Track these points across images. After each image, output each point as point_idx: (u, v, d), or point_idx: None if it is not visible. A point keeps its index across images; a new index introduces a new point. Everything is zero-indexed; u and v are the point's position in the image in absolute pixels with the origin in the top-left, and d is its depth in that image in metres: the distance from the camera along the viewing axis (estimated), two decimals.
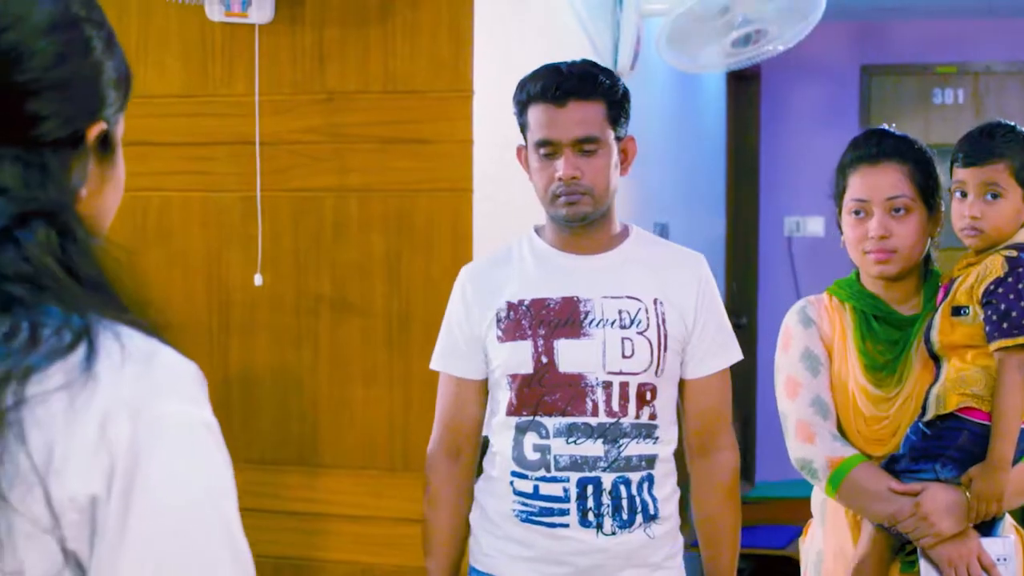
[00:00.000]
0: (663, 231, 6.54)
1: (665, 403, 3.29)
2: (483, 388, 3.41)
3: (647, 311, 3.27)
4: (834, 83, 9.33)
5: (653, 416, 3.26)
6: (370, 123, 4.30)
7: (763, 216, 9.37)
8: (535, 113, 3.27)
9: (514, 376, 3.28)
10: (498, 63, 4.38)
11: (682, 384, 3.36)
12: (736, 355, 3.40)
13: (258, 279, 4.36)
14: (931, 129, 8.90)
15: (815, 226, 9.24)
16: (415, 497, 3.79)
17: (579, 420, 3.22)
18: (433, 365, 3.48)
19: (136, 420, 1.30)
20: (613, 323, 3.25)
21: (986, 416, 3.12)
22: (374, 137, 4.30)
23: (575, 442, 3.22)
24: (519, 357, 3.27)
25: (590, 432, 3.21)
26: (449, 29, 4.22)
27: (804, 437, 3.30)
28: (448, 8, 4.23)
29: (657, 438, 3.27)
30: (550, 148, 3.26)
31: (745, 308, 9.04)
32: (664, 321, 3.27)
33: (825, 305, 3.42)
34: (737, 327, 3.50)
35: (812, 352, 3.36)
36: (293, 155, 4.37)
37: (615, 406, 3.22)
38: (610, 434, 3.22)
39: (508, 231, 4.39)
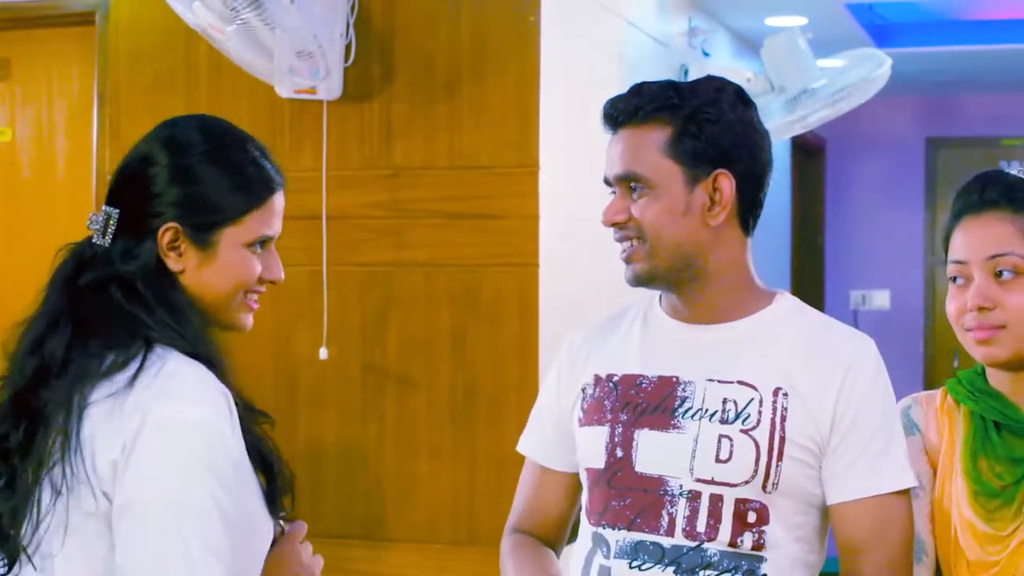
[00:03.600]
0: None
1: (785, 530, 2.41)
2: (575, 485, 2.64)
3: (761, 404, 2.40)
4: (899, 156, 9.31)
5: (759, 545, 2.38)
6: (436, 199, 4.33)
7: (829, 289, 9.33)
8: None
9: (588, 471, 2.52)
10: (564, 140, 4.40)
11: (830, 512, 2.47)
12: (903, 480, 2.42)
13: (323, 353, 4.38)
14: None
15: (881, 299, 9.20)
16: (480, 571, 3.78)
17: (647, 538, 2.41)
18: (519, 447, 2.75)
19: (144, 416, 2.02)
20: (713, 415, 2.41)
21: None
22: (440, 212, 4.32)
23: (640, 567, 2.41)
24: (593, 447, 2.50)
25: (659, 556, 2.40)
26: (515, 106, 4.25)
27: None
28: (514, 86, 4.26)
29: None
30: (609, 186, 2.52)
31: None
32: (784, 419, 2.39)
33: (936, 405, 2.58)
34: None
35: None
36: (360, 230, 4.40)
37: (699, 525, 2.39)
38: (686, 562, 2.38)
39: (574, 306, 4.41)
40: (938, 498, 2.49)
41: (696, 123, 2.43)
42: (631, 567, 2.40)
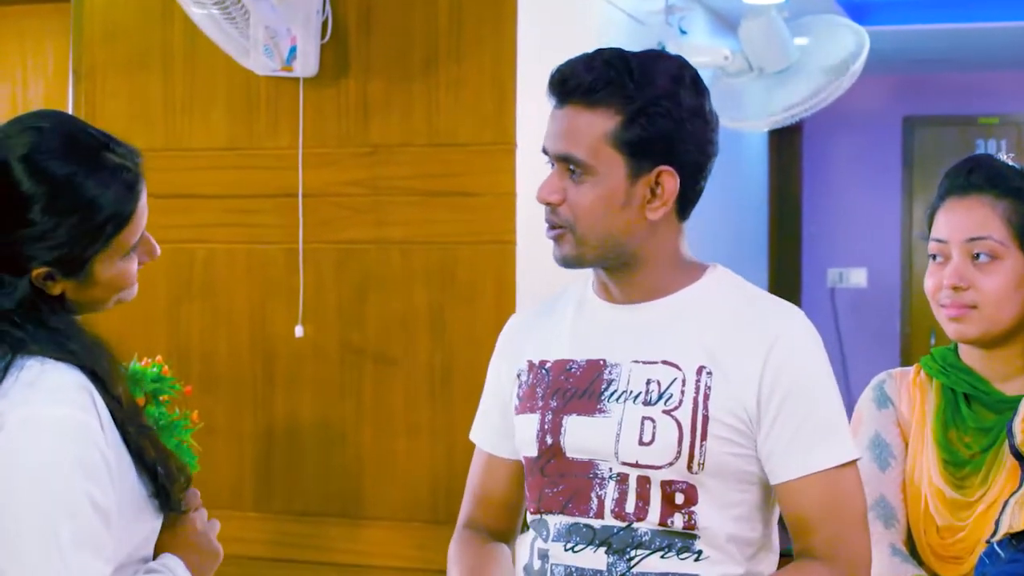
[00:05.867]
0: None
1: (718, 509, 2.36)
2: (521, 471, 2.57)
3: (684, 383, 2.34)
4: (876, 134, 9.32)
5: (691, 525, 2.33)
6: (413, 176, 4.32)
7: (806, 267, 9.35)
8: None
9: (525, 459, 2.50)
10: (541, 117, 4.39)
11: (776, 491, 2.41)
12: (842, 453, 2.35)
13: (299, 330, 4.38)
14: None
15: (858, 277, 9.22)
16: None
17: (580, 521, 2.38)
18: (470, 435, 2.72)
19: (3, 419, 2.02)
20: (636, 397, 2.36)
21: None
22: (417, 190, 4.32)
23: (573, 549, 2.39)
24: (527, 435, 2.46)
25: (591, 537, 2.37)
26: (492, 83, 4.24)
27: None
28: (491, 62, 4.25)
29: (699, 553, 2.34)
30: (547, 156, 2.50)
31: None
32: (707, 398, 2.33)
33: (910, 380, 2.68)
34: None
35: (883, 439, 2.62)
36: (336, 207, 4.39)
37: (628, 507, 2.35)
38: (617, 542, 2.35)
39: (551, 284, 4.40)
40: (910, 467, 2.60)
41: (647, 116, 2.34)
42: (565, 549, 2.38)
